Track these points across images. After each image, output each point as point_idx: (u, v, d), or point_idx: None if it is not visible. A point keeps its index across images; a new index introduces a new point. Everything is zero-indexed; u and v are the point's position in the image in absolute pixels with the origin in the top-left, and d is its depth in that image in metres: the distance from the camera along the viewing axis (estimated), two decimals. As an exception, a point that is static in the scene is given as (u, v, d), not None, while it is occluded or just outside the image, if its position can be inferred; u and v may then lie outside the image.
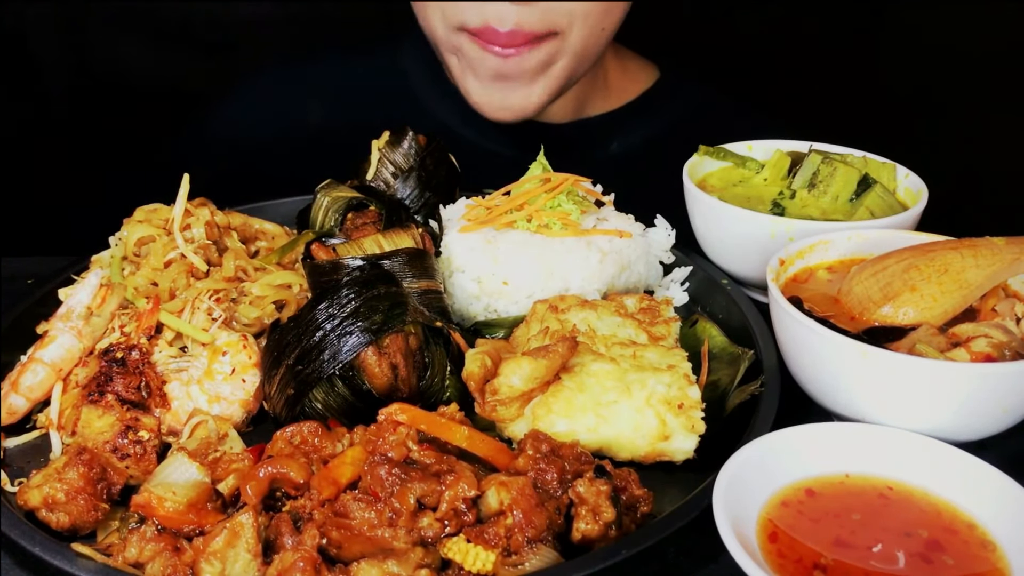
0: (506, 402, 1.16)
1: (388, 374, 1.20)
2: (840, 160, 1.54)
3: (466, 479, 0.99)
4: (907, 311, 1.17)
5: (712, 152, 1.64)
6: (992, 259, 1.18)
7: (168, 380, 1.25)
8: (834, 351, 1.11)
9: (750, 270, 1.46)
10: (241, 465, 1.07)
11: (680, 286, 1.51)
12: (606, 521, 1.00)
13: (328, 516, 0.98)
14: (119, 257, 1.41)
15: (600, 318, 1.31)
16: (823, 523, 0.97)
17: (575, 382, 1.18)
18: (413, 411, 1.07)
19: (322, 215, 1.47)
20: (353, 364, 1.20)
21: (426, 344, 1.26)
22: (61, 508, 1.05)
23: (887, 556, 0.93)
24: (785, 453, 1.02)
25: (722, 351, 1.33)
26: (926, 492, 1.01)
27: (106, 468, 1.09)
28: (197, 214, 1.44)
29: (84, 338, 1.29)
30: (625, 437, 1.15)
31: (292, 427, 1.10)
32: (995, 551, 0.94)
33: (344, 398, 1.21)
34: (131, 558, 0.98)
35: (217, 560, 0.95)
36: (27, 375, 1.25)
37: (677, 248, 1.55)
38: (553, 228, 1.46)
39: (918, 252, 1.21)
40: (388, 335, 1.21)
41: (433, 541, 0.97)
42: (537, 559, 0.95)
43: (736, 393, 1.25)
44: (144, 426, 1.14)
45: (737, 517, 0.93)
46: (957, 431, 1.09)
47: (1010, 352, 1.11)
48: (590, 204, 1.55)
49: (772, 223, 1.41)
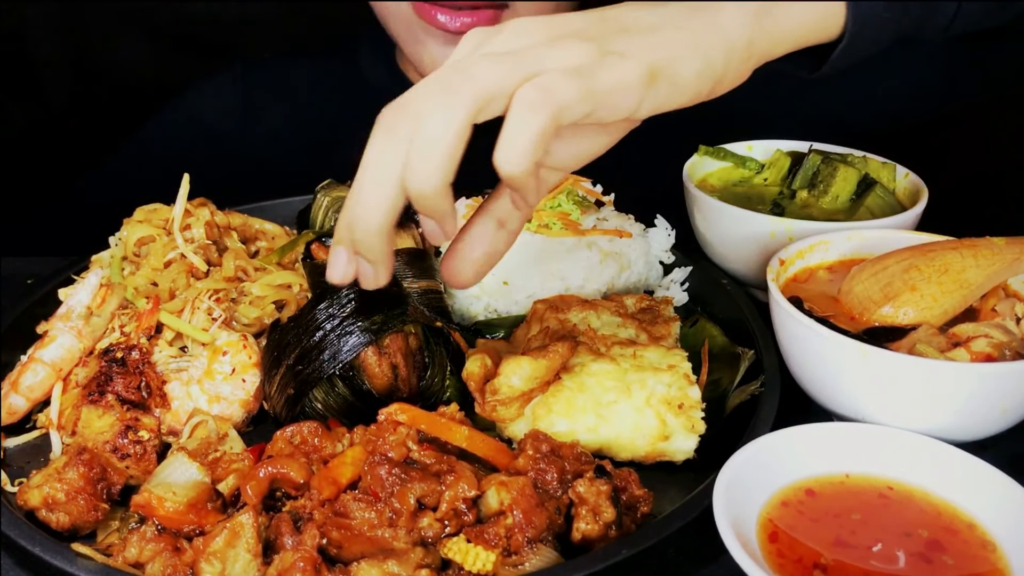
0: (506, 402, 1.16)
1: (388, 374, 1.20)
2: (840, 160, 1.54)
3: (466, 479, 0.99)
4: (907, 311, 1.17)
5: (712, 152, 1.64)
6: (992, 259, 1.18)
7: (168, 380, 1.25)
8: (834, 351, 1.11)
9: (750, 270, 1.46)
10: (241, 465, 1.07)
11: (680, 286, 1.51)
12: (606, 521, 1.00)
13: (328, 516, 0.98)
14: (119, 257, 1.41)
15: (600, 318, 1.31)
16: (823, 523, 0.97)
17: (575, 382, 1.18)
18: (413, 411, 1.07)
19: (322, 215, 1.47)
20: (353, 364, 1.20)
21: (426, 344, 1.26)
22: (61, 508, 1.05)
23: (887, 556, 0.93)
24: (785, 453, 1.02)
25: (722, 351, 1.33)
26: (926, 492, 1.01)
27: (106, 468, 1.09)
28: (197, 214, 1.44)
29: (84, 338, 1.29)
30: (625, 437, 1.15)
31: (292, 427, 1.10)
32: (995, 551, 0.94)
33: (344, 398, 1.21)
34: (131, 558, 0.98)
35: (217, 560, 0.95)
36: (27, 375, 1.25)
37: (677, 248, 1.55)
38: (553, 228, 1.46)
39: (918, 252, 1.21)
40: (388, 335, 1.21)
41: (433, 541, 0.98)
42: (537, 559, 0.95)
43: (736, 393, 1.25)
44: (144, 426, 1.14)
45: (737, 517, 0.93)
46: (957, 431, 1.09)
47: (1010, 352, 1.11)
48: (590, 204, 1.55)
49: (772, 223, 1.41)
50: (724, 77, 1.01)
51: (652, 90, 0.94)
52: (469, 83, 0.89)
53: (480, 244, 1.07)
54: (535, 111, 0.87)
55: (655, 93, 0.95)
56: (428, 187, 0.90)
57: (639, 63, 0.93)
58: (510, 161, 0.89)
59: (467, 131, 0.89)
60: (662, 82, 0.95)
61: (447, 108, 0.88)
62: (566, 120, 0.90)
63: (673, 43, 0.96)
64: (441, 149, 0.88)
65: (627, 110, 0.94)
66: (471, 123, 0.89)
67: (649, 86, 0.94)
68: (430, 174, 0.89)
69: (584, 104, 0.90)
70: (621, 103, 0.93)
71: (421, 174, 0.90)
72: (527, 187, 0.93)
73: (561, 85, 0.88)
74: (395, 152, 0.91)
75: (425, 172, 0.90)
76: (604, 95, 0.91)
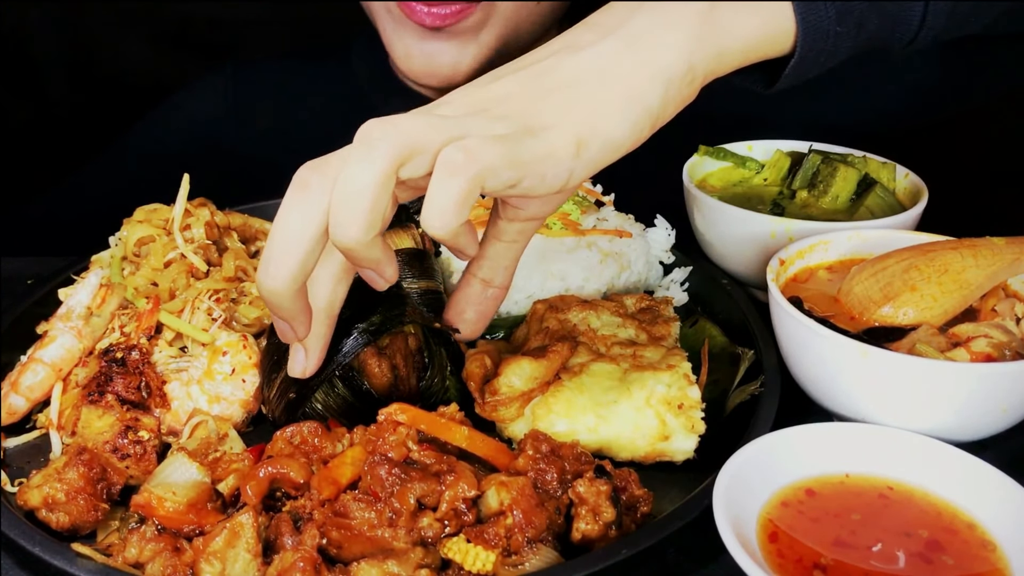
0: (506, 402, 1.16)
1: (388, 374, 1.20)
2: (840, 160, 1.54)
3: (466, 479, 0.99)
4: (907, 311, 1.17)
5: (712, 152, 1.64)
6: (992, 259, 1.18)
7: (168, 380, 1.25)
8: (834, 351, 1.11)
9: (750, 270, 1.46)
10: (241, 465, 1.07)
11: (680, 286, 1.51)
12: (606, 521, 1.00)
13: (328, 516, 0.98)
14: (119, 257, 1.41)
15: (600, 318, 1.31)
16: (823, 523, 0.97)
17: (575, 382, 1.18)
18: (413, 411, 1.07)
19: (322, 215, 1.47)
20: (352, 365, 1.20)
21: (426, 344, 1.26)
22: (61, 508, 1.05)
23: (887, 556, 0.93)
24: (785, 453, 1.02)
25: (722, 351, 1.33)
26: (926, 492, 1.01)
27: (106, 468, 1.09)
28: (197, 214, 1.44)
29: (84, 338, 1.29)
30: (625, 437, 1.15)
31: (292, 427, 1.10)
32: (995, 551, 0.94)
33: (344, 398, 1.21)
34: (131, 558, 0.98)
35: (217, 560, 0.95)
36: (27, 375, 1.25)
37: (677, 248, 1.55)
38: (553, 228, 1.46)
39: (918, 252, 1.21)
40: (387, 336, 1.21)
41: (433, 541, 0.98)
42: (537, 559, 0.95)
43: (736, 393, 1.25)
44: (144, 426, 1.14)
45: (737, 517, 0.93)
46: (957, 431, 1.09)
47: (1010, 352, 1.11)
48: (590, 204, 1.55)
49: (772, 223, 1.41)
50: (664, 113, 0.99)
51: (581, 158, 0.93)
52: (391, 135, 0.88)
53: (470, 305, 1.16)
54: (456, 173, 0.87)
55: (586, 159, 0.93)
56: (352, 240, 0.89)
57: (563, 134, 0.92)
58: (433, 223, 0.88)
59: (390, 182, 0.88)
60: (591, 146, 0.94)
61: (367, 159, 0.87)
62: (491, 186, 0.89)
63: (602, 101, 0.95)
64: (363, 201, 0.87)
65: (558, 181, 0.93)
66: (393, 174, 0.88)
67: (576, 156, 0.92)
68: (354, 227, 0.88)
69: (509, 171, 0.89)
70: (549, 174, 0.92)
71: (344, 227, 0.88)
72: (459, 244, 0.93)
73: (483, 150, 0.87)
74: (306, 210, 0.90)
75: (348, 225, 0.88)
76: (530, 165, 0.90)
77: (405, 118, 0.91)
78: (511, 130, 0.91)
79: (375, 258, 0.93)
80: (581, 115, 0.93)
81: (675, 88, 0.98)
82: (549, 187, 0.92)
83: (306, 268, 0.93)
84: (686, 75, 0.99)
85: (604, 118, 0.94)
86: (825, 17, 1.06)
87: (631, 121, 0.96)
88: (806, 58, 1.08)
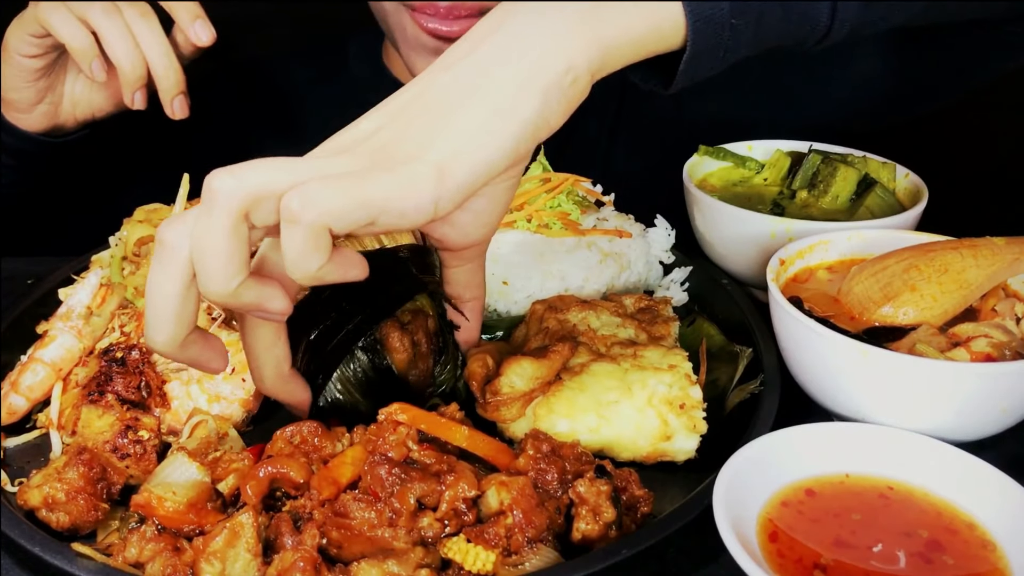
0: (508, 402, 1.16)
1: (408, 350, 1.20)
2: (840, 160, 1.54)
3: (466, 479, 0.99)
4: (907, 311, 1.18)
5: (712, 152, 1.64)
6: (992, 259, 1.18)
7: (168, 380, 1.25)
8: (834, 351, 1.11)
9: (750, 270, 1.46)
10: (241, 465, 1.07)
11: (680, 286, 1.51)
12: (606, 521, 1.00)
13: (328, 516, 0.98)
14: (119, 257, 1.41)
15: (599, 318, 1.31)
16: (823, 523, 0.97)
17: (576, 382, 1.18)
18: (413, 411, 1.07)
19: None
20: (377, 337, 1.19)
21: (441, 331, 1.25)
22: (61, 508, 1.05)
23: (887, 556, 0.93)
24: (785, 453, 1.02)
25: (720, 350, 1.33)
26: (926, 492, 1.01)
27: (106, 468, 1.09)
28: (197, 214, 1.44)
29: (84, 338, 1.29)
30: (627, 437, 1.15)
31: (292, 427, 1.10)
32: (995, 551, 0.94)
33: (365, 372, 1.19)
34: (131, 558, 0.98)
35: (217, 560, 0.95)
36: (27, 375, 1.25)
37: (677, 248, 1.55)
38: (553, 228, 1.46)
39: (918, 252, 1.21)
40: (409, 312, 1.19)
41: (433, 541, 0.98)
42: (537, 559, 0.95)
43: (735, 392, 1.25)
44: (144, 426, 1.14)
45: (737, 517, 0.93)
46: (957, 431, 1.09)
47: (1010, 352, 1.11)
48: (590, 204, 1.55)
49: (772, 223, 1.41)
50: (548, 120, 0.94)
51: (446, 186, 0.89)
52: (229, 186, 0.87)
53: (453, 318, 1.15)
54: (294, 220, 0.86)
55: (452, 186, 0.89)
56: (217, 293, 0.90)
57: (421, 164, 0.89)
58: (292, 273, 0.89)
59: (237, 231, 0.87)
60: (456, 172, 0.90)
61: (209, 214, 0.87)
62: (340, 227, 0.87)
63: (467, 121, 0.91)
64: (215, 257, 0.88)
65: (422, 214, 0.89)
66: (238, 224, 0.87)
67: (440, 184, 0.88)
68: (213, 281, 0.89)
69: (359, 212, 0.86)
70: (409, 208, 0.88)
71: (206, 283, 0.90)
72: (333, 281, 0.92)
73: (321, 194, 0.85)
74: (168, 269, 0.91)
75: (208, 281, 0.89)
76: (383, 202, 0.87)
77: (249, 166, 0.89)
78: (360, 167, 0.89)
79: (251, 301, 0.92)
80: (442, 141, 0.90)
81: (555, 93, 0.93)
82: (413, 221, 0.89)
83: (183, 320, 0.94)
84: (566, 76, 0.94)
85: (469, 139, 0.91)
86: (717, 10, 1.00)
87: (503, 137, 0.91)
88: (701, 53, 1.02)
